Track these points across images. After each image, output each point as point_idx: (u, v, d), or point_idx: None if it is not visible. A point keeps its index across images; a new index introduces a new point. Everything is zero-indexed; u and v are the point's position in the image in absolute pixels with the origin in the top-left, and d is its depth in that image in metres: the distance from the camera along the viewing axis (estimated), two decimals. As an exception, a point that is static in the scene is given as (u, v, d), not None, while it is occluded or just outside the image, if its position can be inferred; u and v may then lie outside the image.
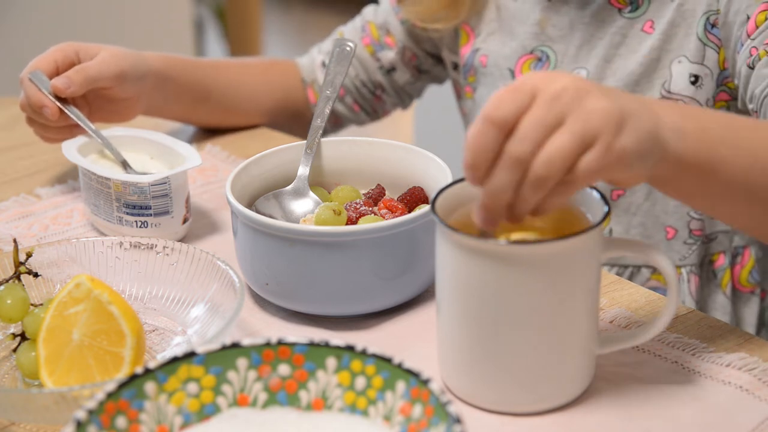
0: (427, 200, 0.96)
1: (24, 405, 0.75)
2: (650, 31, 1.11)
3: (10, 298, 0.85)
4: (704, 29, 1.07)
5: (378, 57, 1.30)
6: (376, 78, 1.32)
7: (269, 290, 0.90)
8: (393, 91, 1.33)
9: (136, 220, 1.02)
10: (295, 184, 0.99)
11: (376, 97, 1.34)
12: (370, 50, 1.30)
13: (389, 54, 1.30)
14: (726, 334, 0.87)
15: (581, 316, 0.77)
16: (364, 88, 1.32)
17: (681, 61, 1.09)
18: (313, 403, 0.70)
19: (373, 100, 1.34)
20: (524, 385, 0.77)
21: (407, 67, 1.31)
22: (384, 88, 1.32)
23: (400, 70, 1.31)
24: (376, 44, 1.30)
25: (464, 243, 0.74)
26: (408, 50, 1.30)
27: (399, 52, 1.30)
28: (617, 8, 1.13)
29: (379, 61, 1.31)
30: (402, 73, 1.31)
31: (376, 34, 1.30)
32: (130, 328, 0.79)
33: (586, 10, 1.14)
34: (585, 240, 0.74)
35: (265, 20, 3.95)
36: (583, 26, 1.15)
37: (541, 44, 1.17)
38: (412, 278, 0.90)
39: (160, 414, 0.68)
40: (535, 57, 1.18)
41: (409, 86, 1.33)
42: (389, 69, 1.31)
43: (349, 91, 1.33)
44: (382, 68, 1.31)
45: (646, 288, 0.95)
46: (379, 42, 1.30)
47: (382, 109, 1.36)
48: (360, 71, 1.31)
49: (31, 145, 1.29)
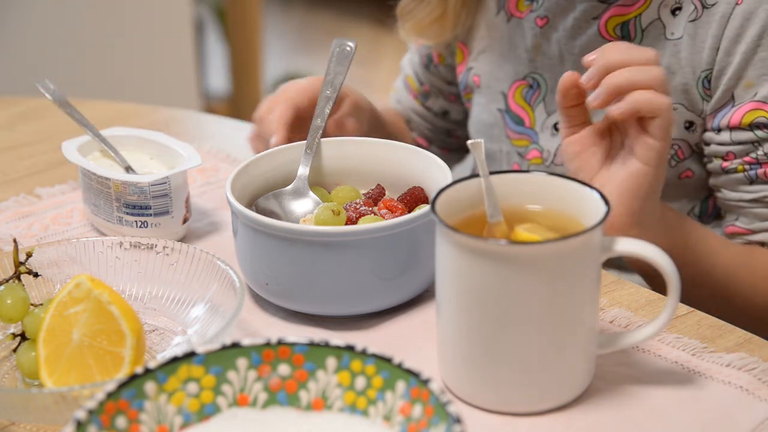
0: (427, 200, 0.96)
1: (24, 405, 0.75)
2: None
3: (10, 298, 0.85)
4: (702, 86, 1.06)
5: (428, 107, 1.32)
6: (440, 124, 1.33)
7: (269, 290, 0.90)
8: (459, 126, 1.33)
9: (136, 220, 1.02)
10: (295, 184, 0.99)
11: (452, 137, 1.35)
12: (419, 102, 1.33)
13: (433, 101, 1.31)
14: (726, 334, 0.87)
15: (581, 316, 0.77)
16: (439, 135, 1.34)
17: (677, 108, 1.07)
18: (313, 403, 0.70)
19: (452, 141, 1.35)
20: (524, 385, 0.77)
21: (455, 104, 1.32)
22: (452, 129, 1.34)
23: (452, 110, 1.32)
24: (420, 96, 1.32)
25: (464, 243, 0.74)
26: (444, 91, 1.31)
27: (438, 95, 1.31)
28: (608, 41, 1.09)
29: (431, 111, 1.32)
30: (455, 111, 1.32)
31: (416, 86, 1.32)
32: (130, 328, 0.79)
33: (576, 41, 1.12)
34: (585, 240, 0.74)
35: (265, 20, 3.95)
36: (573, 57, 1.13)
37: (533, 71, 1.16)
38: (412, 278, 0.90)
39: (160, 414, 0.68)
40: (527, 84, 1.17)
41: (466, 113, 1.34)
42: (443, 113, 1.32)
43: (431, 141, 1.35)
44: (438, 115, 1.33)
45: (646, 288, 0.95)
46: (421, 93, 1.32)
47: (463, 140, 1.35)
48: (425, 124, 1.33)
49: (31, 145, 1.29)
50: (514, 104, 1.18)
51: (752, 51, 1.01)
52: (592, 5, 1.10)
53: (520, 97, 1.18)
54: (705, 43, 1.04)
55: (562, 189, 0.81)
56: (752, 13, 1.01)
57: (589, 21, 1.11)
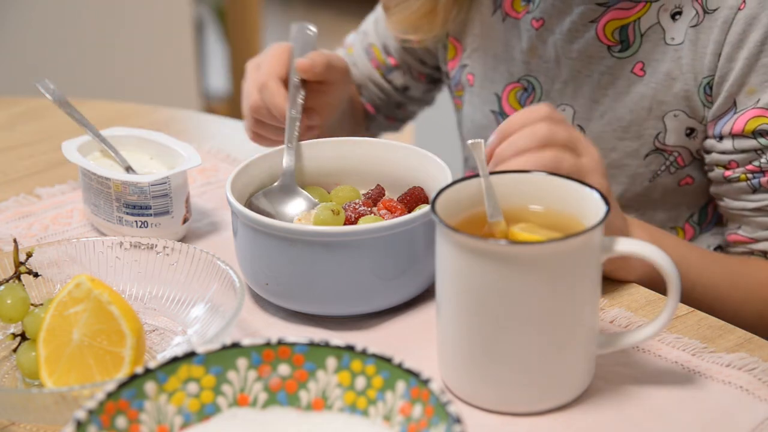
0: (427, 200, 0.96)
1: (24, 405, 0.75)
2: (640, 73, 1.07)
3: (10, 298, 0.85)
4: (704, 92, 1.05)
5: (389, 79, 1.30)
6: (395, 98, 1.32)
7: (269, 290, 0.90)
8: (414, 102, 1.33)
9: (136, 220, 1.02)
10: (281, 181, 0.98)
11: (402, 109, 1.34)
12: (380, 72, 1.30)
13: (398, 75, 1.30)
14: (726, 334, 0.87)
15: (581, 316, 0.77)
16: (389, 106, 1.33)
17: (677, 115, 1.06)
18: (313, 403, 0.70)
19: (400, 112, 1.34)
20: (524, 385, 0.77)
21: (419, 82, 1.31)
22: (405, 103, 1.33)
23: (413, 87, 1.31)
24: (383, 67, 1.30)
25: (464, 243, 0.74)
26: (414, 69, 1.29)
27: (406, 72, 1.29)
28: (606, 45, 1.08)
29: (391, 84, 1.30)
30: (416, 89, 1.31)
31: (381, 57, 1.30)
32: (130, 328, 0.79)
33: (573, 45, 1.10)
34: (585, 240, 0.74)
35: (265, 20, 3.95)
36: (570, 61, 1.11)
37: (528, 74, 1.15)
38: (412, 278, 0.90)
39: (160, 414, 0.68)
40: (521, 86, 1.15)
41: (427, 94, 1.33)
42: (404, 89, 1.31)
43: (378, 109, 1.33)
44: (397, 89, 1.31)
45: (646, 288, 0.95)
46: (385, 65, 1.30)
47: (412, 114, 1.36)
48: (379, 93, 1.31)
49: (31, 145, 1.29)
50: (508, 107, 1.17)
51: (755, 57, 1.00)
52: (589, 8, 1.09)
53: (515, 100, 1.16)
54: (707, 49, 1.03)
55: (562, 189, 0.81)
56: (755, 19, 1.00)
57: (587, 24, 1.09)
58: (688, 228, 1.14)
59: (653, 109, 1.07)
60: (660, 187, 1.11)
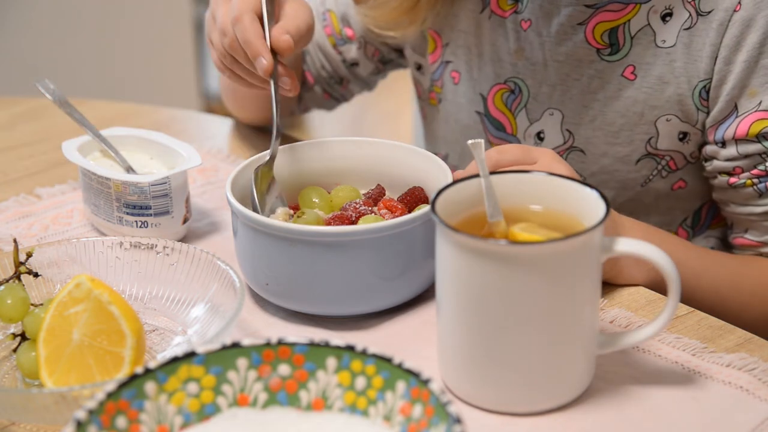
0: (427, 200, 0.96)
1: (24, 405, 0.75)
2: (632, 77, 1.05)
3: (10, 298, 0.85)
4: (699, 96, 1.03)
5: (340, 50, 1.24)
6: (340, 71, 1.26)
7: (269, 290, 0.90)
8: (358, 81, 1.28)
9: (136, 220, 1.02)
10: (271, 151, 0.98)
11: (342, 86, 1.28)
12: (332, 41, 1.24)
13: (351, 49, 1.24)
14: (726, 334, 0.87)
15: (581, 316, 0.77)
16: (331, 79, 1.27)
17: (670, 120, 1.05)
18: (313, 403, 0.70)
19: (340, 89, 1.28)
20: (524, 385, 0.77)
21: (370, 61, 1.25)
22: (349, 80, 1.27)
23: (363, 64, 1.25)
24: (337, 37, 1.24)
25: (465, 243, 0.74)
26: (370, 45, 1.23)
27: (361, 47, 1.23)
28: (596, 48, 1.06)
29: (342, 55, 1.24)
30: (365, 67, 1.25)
31: (338, 26, 1.23)
32: (130, 328, 0.79)
33: (561, 47, 1.08)
34: (585, 240, 0.74)
35: (265, 20, 3.94)
36: (557, 64, 1.08)
37: (515, 75, 1.12)
38: (412, 278, 0.90)
39: (160, 414, 0.68)
40: (508, 88, 1.12)
41: (373, 76, 1.28)
42: (352, 63, 1.25)
43: (318, 80, 1.27)
44: (345, 62, 1.25)
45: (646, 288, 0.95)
46: (340, 35, 1.23)
47: (350, 95, 1.30)
48: (325, 63, 1.25)
49: (31, 145, 1.29)
50: (494, 109, 1.14)
51: (754, 59, 0.99)
52: (577, 10, 1.06)
53: (501, 102, 1.13)
54: (702, 52, 1.01)
55: (562, 189, 0.81)
56: (752, 20, 0.98)
57: (575, 27, 1.07)
58: (681, 232, 1.13)
59: (645, 114, 1.05)
60: (653, 191, 1.10)
